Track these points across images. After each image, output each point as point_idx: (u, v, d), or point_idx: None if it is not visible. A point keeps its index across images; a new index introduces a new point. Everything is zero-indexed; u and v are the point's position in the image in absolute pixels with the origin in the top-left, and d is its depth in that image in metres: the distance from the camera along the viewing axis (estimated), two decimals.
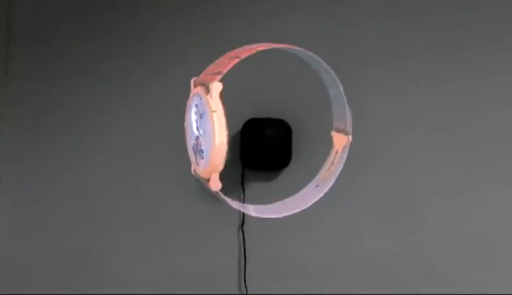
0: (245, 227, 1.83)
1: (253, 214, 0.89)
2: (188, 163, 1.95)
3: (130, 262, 1.88)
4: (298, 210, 0.90)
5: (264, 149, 1.80)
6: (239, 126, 1.82)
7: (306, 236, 1.82)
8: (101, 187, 1.90)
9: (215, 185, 0.73)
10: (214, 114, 0.73)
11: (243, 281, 1.82)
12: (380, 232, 1.80)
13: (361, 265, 1.80)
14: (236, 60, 0.82)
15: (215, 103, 0.73)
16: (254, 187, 1.83)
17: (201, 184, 0.86)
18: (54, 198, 1.91)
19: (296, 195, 0.96)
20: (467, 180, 1.79)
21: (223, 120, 0.72)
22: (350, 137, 0.87)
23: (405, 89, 1.83)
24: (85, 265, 1.88)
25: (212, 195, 1.50)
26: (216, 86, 0.73)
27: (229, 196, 1.91)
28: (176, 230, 1.87)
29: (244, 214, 1.82)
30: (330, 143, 0.96)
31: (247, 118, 1.81)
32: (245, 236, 1.83)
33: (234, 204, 0.87)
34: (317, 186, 0.89)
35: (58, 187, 1.91)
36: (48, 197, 1.92)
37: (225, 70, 0.78)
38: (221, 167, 0.73)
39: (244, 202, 1.82)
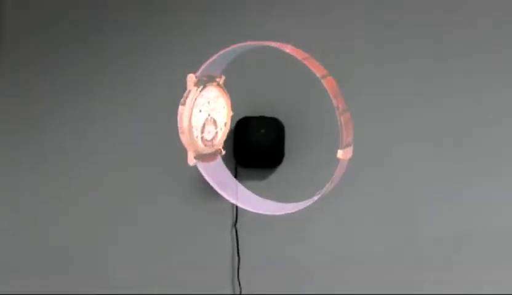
0: (238, 225, 1.83)
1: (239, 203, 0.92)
2: (181, 162, 1.95)
3: (122, 262, 1.87)
4: (283, 213, 0.91)
5: (257, 147, 1.81)
6: (232, 124, 1.81)
7: (299, 234, 1.82)
8: (93, 186, 1.89)
9: (189, 160, 0.82)
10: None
11: (237, 279, 1.82)
12: (374, 231, 1.80)
13: (355, 264, 1.80)
14: (214, 56, 0.87)
15: (187, 93, 0.82)
16: (247, 184, 1.81)
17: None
18: (45, 197, 1.91)
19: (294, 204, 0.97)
20: (461, 180, 1.79)
21: (186, 109, 0.80)
22: (338, 152, 0.83)
23: (400, 88, 1.83)
24: (77, 265, 1.88)
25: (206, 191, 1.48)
26: (188, 78, 0.81)
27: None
28: (168, 229, 1.87)
29: (237, 212, 1.82)
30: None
31: (240, 116, 1.81)
32: (239, 235, 1.83)
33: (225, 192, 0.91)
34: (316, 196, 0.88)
35: (49, 186, 1.91)
36: (38, 196, 1.91)
37: (203, 66, 0.85)
38: (188, 147, 0.81)
39: (237, 200, 1.81)
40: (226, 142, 1.98)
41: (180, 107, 0.81)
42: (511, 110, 1.78)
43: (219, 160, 0.93)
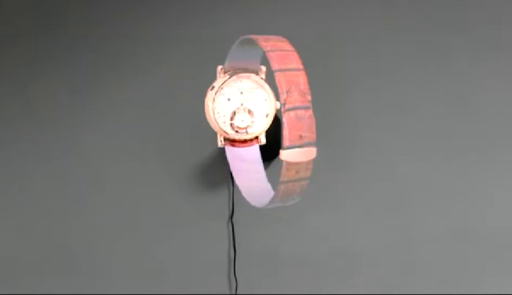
0: (234, 219, 1.83)
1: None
2: (175, 158, 1.96)
3: (117, 256, 1.87)
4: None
5: None
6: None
7: (296, 228, 1.82)
8: (90, 183, 1.89)
9: (218, 142, 0.91)
10: None
11: (233, 273, 1.82)
12: (372, 226, 1.80)
13: (352, 258, 1.80)
14: (231, 49, 0.92)
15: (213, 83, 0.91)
16: None
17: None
18: (44, 196, 1.90)
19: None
20: (460, 176, 1.79)
21: (209, 97, 0.89)
22: (281, 152, 0.80)
23: (398, 86, 1.83)
24: (74, 262, 1.88)
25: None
26: (217, 69, 0.90)
27: (219, 188, 1.92)
28: (164, 223, 1.87)
29: (233, 205, 1.82)
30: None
31: None
32: (235, 229, 1.83)
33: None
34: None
35: (48, 185, 1.90)
36: (38, 196, 1.91)
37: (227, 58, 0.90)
38: (217, 131, 0.88)
39: (233, 194, 1.82)
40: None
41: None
42: (510, 107, 1.79)
43: (254, 148, 0.97)
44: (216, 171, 1.85)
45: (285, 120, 0.77)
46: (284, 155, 0.77)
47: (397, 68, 1.82)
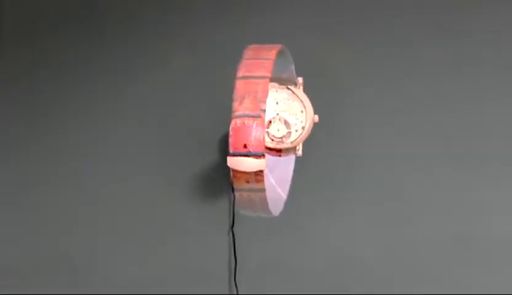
0: (235, 228, 1.82)
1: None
2: (175, 167, 1.96)
3: (118, 264, 1.86)
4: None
5: None
6: (228, 128, 1.81)
7: (297, 238, 1.82)
8: (90, 188, 1.89)
9: None
10: None
11: (233, 283, 1.82)
12: (373, 234, 1.80)
13: (353, 266, 1.80)
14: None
15: None
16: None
17: None
18: (44, 198, 1.90)
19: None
20: (458, 181, 1.79)
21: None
22: (228, 159, 0.78)
23: (398, 88, 1.83)
24: (74, 267, 1.87)
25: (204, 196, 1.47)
26: None
27: (218, 196, 1.91)
28: (165, 232, 1.86)
29: (234, 215, 1.81)
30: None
31: None
32: (236, 238, 1.82)
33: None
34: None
35: (48, 187, 1.90)
36: (37, 197, 1.90)
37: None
38: None
39: (233, 203, 1.81)
40: (223, 144, 1.98)
41: None
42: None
43: (289, 158, 0.95)
44: (217, 180, 1.85)
45: (231, 126, 0.77)
46: (229, 161, 0.77)
47: (402, 75, 1.82)
